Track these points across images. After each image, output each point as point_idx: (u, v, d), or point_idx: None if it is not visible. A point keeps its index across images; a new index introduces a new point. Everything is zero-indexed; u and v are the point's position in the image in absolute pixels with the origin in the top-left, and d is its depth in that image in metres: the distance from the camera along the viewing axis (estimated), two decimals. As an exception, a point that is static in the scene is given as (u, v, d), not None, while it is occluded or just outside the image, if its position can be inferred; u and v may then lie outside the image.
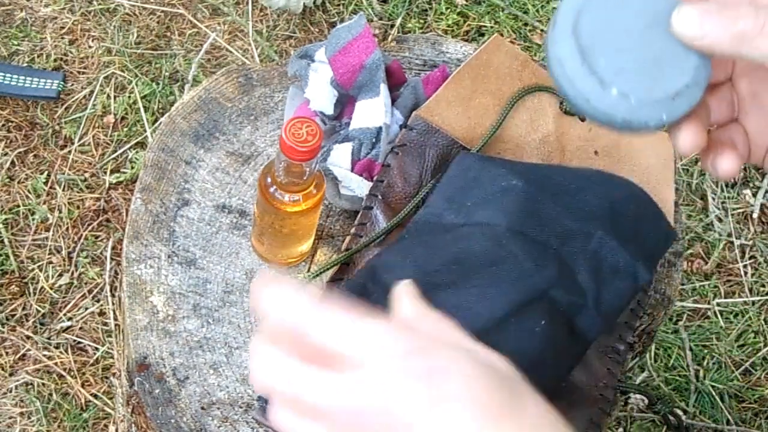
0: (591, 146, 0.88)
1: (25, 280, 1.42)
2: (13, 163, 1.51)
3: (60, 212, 1.48)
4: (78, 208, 1.49)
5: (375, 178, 0.81)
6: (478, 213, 0.73)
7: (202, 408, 0.73)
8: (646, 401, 1.37)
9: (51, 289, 1.42)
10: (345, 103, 0.87)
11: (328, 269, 0.76)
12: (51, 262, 1.44)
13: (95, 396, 1.35)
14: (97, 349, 1.38)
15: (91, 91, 1.60)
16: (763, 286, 1.59)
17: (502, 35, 1.44)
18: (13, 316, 1.39)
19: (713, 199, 1.65)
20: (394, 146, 0.82)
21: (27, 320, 1.39)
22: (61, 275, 1.43)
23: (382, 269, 0.71)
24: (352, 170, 0.81)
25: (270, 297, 0.42)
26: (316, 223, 0.78)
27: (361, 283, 0.70)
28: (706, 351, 1.51)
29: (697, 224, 1.63)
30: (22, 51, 1.63)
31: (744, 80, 0.48)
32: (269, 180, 0.71)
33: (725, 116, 0.49)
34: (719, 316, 1.55)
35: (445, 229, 0.74)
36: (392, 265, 0.71)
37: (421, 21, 1.78)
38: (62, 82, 1.59)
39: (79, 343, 1.39)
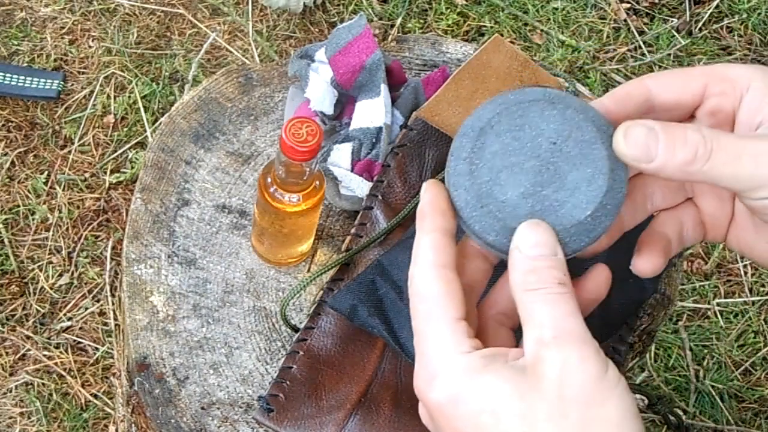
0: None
1: (25, 280, 1.42)
2: (13, 163, 1.51)
3: (60, 212, 1.48)
4: (78, 208, 1.49)
5: (375, 178, 0.81)
6: None
7: (202, 408, 0.73)
8: (646, 401, 1.37)
9: (51, 289, 1.42)
10: (345, 103, 0.87)
11: (328, 269, 0.76)
12: (51, 262, 1.44)
13: (95, 396, 1.35)
14: (97, 349, 1.38)
15: (91, 91, 1.60)
16: (763, 286, 1.60)
17: (502, 35, 1.44)
18: (13, 316, 1.39)
19: (713, 199, 1.65)
20: (394, 146, 0.82)
21: (27, 320, 1.39)
22: (61, 275, 1.43)
23: (391, 266, 0.72)
24: (352, 170, 0.81)
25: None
26: (316, 223, 0.78)
27: (370, 278, 0.71)
28: (706, 351, 1.51)
29: (697, 224, 1.62)
30: (22, 51, 1.63)
31: None
32: (269, 180, 0.71)
33: (679, 198, 0.48)
34: (719, 316, 1.55)
35: None
36: (401, 262, 0.72)
37: (421, 21, 1.78)
38: (62, 82, 1.59)
39: (79, 343, 1.39)
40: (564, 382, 0.38)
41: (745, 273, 1.60)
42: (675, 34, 1.87)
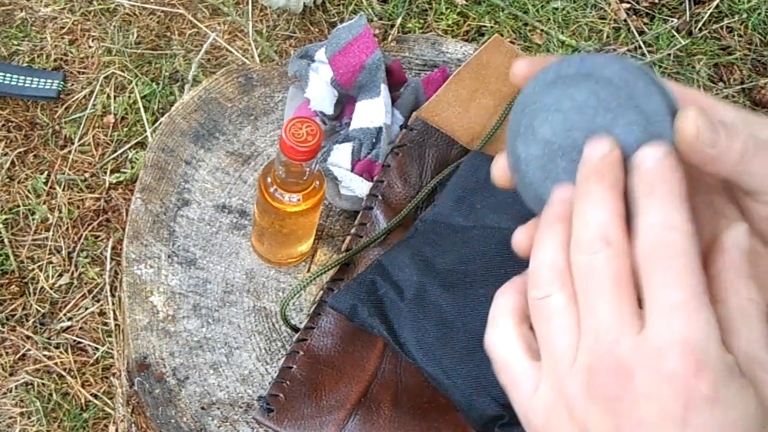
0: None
1: (25, 280, 1.42)
2: (13, 163, 1.51)
3: (60, 212, 1.48)
4: (78, 208, 1.49)
5: (375, 178, 0.81)
6: (488, 217, 0.74)
7: (202, 408, 0.73)
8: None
9: (51, 289, 1.42)
10: (345, 103, 0.87)
11: (328, 269, 0.76)
12: (51, 262, 1.44)
13: (95, 396, 1.35)
14: (97, 349, 1.38)
15: (91, 91, 1.60)
16: (763, 286, 1.59)
17: (502, 35, 1.44)
18: (13, 316, 1.39)
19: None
20: (394, 146, 0.82)
21: (27, 320, 1.39)
22: (61, 275, 1.43)
23: (391, 266, 0.72)
24: (352, 170, 0.81)
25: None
26: (316, 223, 0.78)
27: (370, 278, 0.71)
28: (706, 351, 1.51)
29: (697, 224, 1.62)
30: (22, 51, 1.63)
31: None
32: (269, 180, 0.71)
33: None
34: (719, 316, 1.55)
35: (454, 230, 0.74)
36: (401, 262, 0.72)
37: (421, 21, 1.78)
38: (62, 82, 1.59)
39: (79, 343, 1.39)
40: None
41: (745, 273, 1.60)
42: (675, 34, 1.87)
